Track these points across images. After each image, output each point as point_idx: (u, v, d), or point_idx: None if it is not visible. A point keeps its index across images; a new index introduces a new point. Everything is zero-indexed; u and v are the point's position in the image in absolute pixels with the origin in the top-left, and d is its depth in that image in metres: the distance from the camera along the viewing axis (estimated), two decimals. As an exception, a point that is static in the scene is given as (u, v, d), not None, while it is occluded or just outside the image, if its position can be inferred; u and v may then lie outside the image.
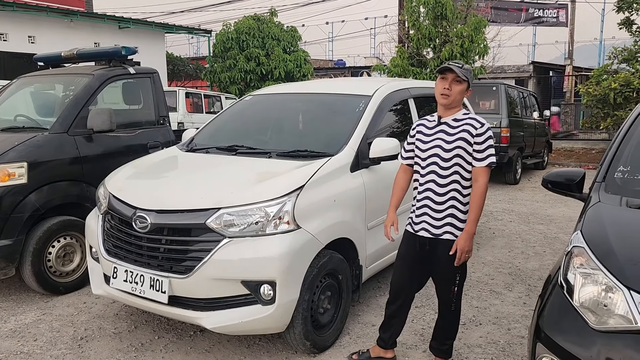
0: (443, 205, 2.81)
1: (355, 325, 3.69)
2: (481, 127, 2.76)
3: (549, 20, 21.98)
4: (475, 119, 2.81)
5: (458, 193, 2.80)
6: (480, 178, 2.75)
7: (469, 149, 2.76)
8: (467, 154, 2.77)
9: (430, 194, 2.84)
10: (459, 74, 2.76)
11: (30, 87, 5.29)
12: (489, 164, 2.74)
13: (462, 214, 2.81)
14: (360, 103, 4.04)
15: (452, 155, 2.77)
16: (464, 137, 2.76)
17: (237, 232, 2.95)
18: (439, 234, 2.82)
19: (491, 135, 2.77)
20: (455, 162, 2.78)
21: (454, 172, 2.78)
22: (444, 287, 2.95)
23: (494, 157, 2.75)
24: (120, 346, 3.44)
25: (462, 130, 2.77)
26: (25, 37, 13.05)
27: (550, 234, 6.30)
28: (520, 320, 3.81)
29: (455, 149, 2.77)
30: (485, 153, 2.75)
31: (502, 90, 9.57)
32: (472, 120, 2.81)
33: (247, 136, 4.22)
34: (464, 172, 2.79)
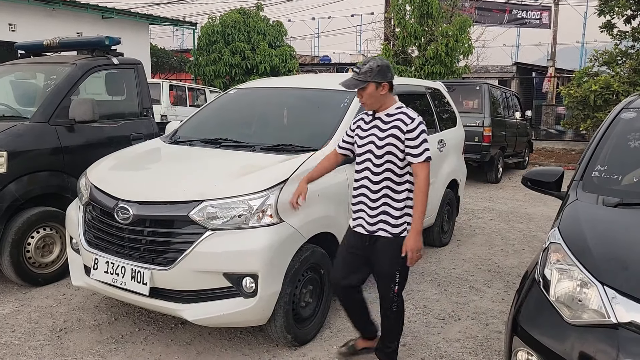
0: (377, 202, 2.76)
1: (337, 319, 3.72)
2: (412, 123, 2.69)
3: (532, 22, 22.25)
4: (406, 113, 2.73)
5: (390, 190, 2.75)
6: (420, 174, 2.68)
7: (401, 146, 2.70)
8: (398, 151, 2.71)
9: (364, 191, 2.81)
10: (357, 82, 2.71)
11: (11, 75, 5.19)
12: (427, 159, 2.69)
13: (395, 211, 2.75)
14: (345, 99, 4.05)
15: (384, 152, 2.72)
16: (394, 134, 2.70)
17: (220, 224, 2.95)
18: (373, 231, 2.78)
19: (424, 130, 2.70)
20: (387, 159, 2.72)
21: (386, 169, 2.74)
22: (384, 285, 2.89)
23: (429, 152, 2.70)
24: (100, 338, 3.41)
25: (393, 127, 2.71)
26: (6, 25, 12.77)
27: (529, 232, 6.41)
28: (499, 315, 3.88)
29: (386, 145, 2.71)
30: (421, 148, 2.68)
31: (485, 90, 9.68)
32: (403, 115, 2.73)
33: (231, 129, 4.21)
34: (397, 168, 2.74)
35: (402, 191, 2.76)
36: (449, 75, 14.03)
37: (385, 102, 2.79)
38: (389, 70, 2.75)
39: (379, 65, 2.72)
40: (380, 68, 2.71)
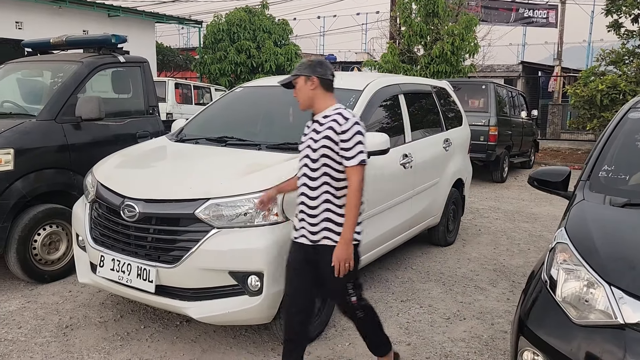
0: (317, 210, 2.57)
1: (341, 318, 3.69)
2: (345, 123, 2.51)
3: (538, 21, 22.14)
4: (341, 114, 2.56)
5: (331, 195, 2.56)
6: (352, 178, 2.48)
7: (335, 148, 2.51)
8: (334, 153, 2.52)
9: (304, 199, 2.62)
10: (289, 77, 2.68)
11: (18, 73, 5.22)
12: (361, 162, 2.48)
13: (339, 217, 2.55)
14: (351, 97, 4.05)
15: (319, 155, 2.55)
16: (328, 136, 2.52)
17: (225, 222, 2.95)
18: (317, 240, 2.58)
19: (359, 131, 2.50)
20: (323, 163, 2.55)
21: (323, 173, 2.56)
22: (340, 301, 2.72)
23: (364, 155, 2.49)
24: (105, 335, 3.43)
25: (327, 128, 2.54)
26: (13, 23, 12.82)
27: (535, 232, 6.38)
28: (504, 315, 3.87)
29: (321, 148, 2.54)
30: (354, 151, 2.48)
31: (491, 89, 9.64)
32: (338, 115, 2.55)
33: (237, 128, 4.21)
34: (335, 172, 2.55)
35: (344, 196, 2.56)
36: (455, 74, 13.99)
37: (319, 101, 2.63)
38: (321, 66, 2.62)
39: (312, 61, 2.65)
40: (311, 63, 2.64)
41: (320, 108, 2.65)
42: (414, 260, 5.09)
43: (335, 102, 2.68)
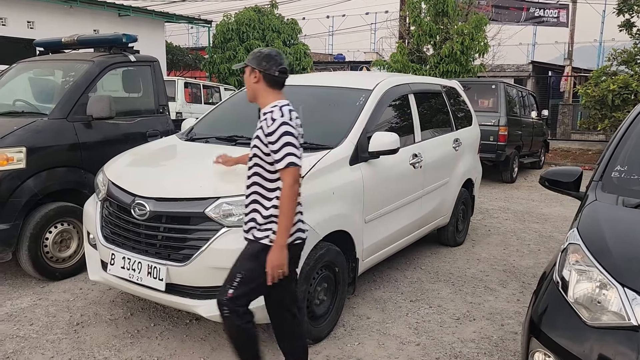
0: (248, 208, 2.55)
1: (350, 318, 3.72)
2: (273, 124, 2.39)
3: (549, 20, 21.99)
4: (272, 112, 2.44)
5: (259, 196, 2.50)
6: (284, 181, 2.39)
7: (265, 149, 2.43)
8: (263, 154, 2.44)
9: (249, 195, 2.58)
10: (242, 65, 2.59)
11: (30, 72, 5.27)
12: (289, 165, 2.36)
13: (263, 219, 2.47)
14: (361, 97, 4.05)
15: (252, 154, 2.50)
16: (258, 135, 2.46)
17: (235, 221, 2.96)
18: (246, 236, 2.57)
19: (287, 131, 2.38)
20: (254, 162, 2.50)
21: (254, 172, 2.51)
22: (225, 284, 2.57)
23: (293, 157, 2.37)
24: (116, 332, 3.45)
25: (259, 128, 2.47)
26: (25, 22, 12.95)
27: (545, 233, 6.34)
28: (514, 316, 3.84)
29: (253, 147, 2.49)
30: (281, 153, 2.36)
31: (501, 88, 9.58)
32: (270, 114, 2.44)
33: (247, 127, 4.17)
34: (266, 173, 2.48)
35: (273, 198, 2.47)
36: (464, 74, 13.92)
37: (261, 96, 2.54)
38: (267, 60, 2.50)
39: (261, 52, 2.54)
40: (260, 54, 2.53)
41: (262, 104, 2.55)
42: (423, 260, 5.08)
43: (279, 99, 2.52)
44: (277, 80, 2.53)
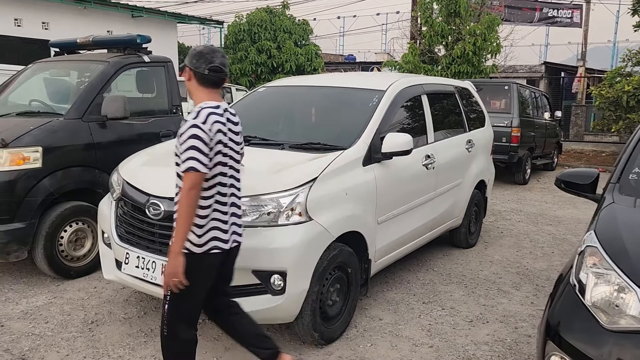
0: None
1: (363, 319, 3.71)
2: (183, 126, 2.31)
3: (563, 21, 21.79)
4: (189, 114, 2.36)
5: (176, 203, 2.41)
6: (182, 185, 2.29)
7: (177, 151, 2.37)
8: (177, 157, 2.37)
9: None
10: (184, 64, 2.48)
11: (46, 72, 5.33)
12: (188, 169, 2.25)
13: (196, 228, 2.38)
14: (374, 97, 4.04)
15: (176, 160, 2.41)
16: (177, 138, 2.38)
17: (249, 221, 2.97)
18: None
19: (194, 134, 2.26)
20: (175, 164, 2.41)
21: (177, 175, 2.41)
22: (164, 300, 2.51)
23: (194, 161, 2.25)
24: (130, 331, 3.47)
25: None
26: (39, 23, 13.11)
27: (558, 235, 6.28)
28: (528, 319, 3.81)
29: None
30: (185, 156, 2.27)
31: (514, 89, 9.52)
32: (187, 116, 2.36)
33: (260, 127, 4.23)
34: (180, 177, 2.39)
35: (206, 206, 2.38)
36: (476, 74, 13.84)
37: (194, 95, 2.46)
38: (197, 58, 2.42)
39: (194, 49, 2.48)
40: (192, 52, 2.47)
41: (195, 102, 2.44)
42: (435, 262, 5.05)
43: (212, 99, 2.43)
44: (207, 78, 2.42)
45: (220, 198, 2.42)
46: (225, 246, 2.46)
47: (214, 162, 2.36)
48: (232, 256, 2.59)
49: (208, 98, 2.44)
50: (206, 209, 2.39)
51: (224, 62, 2.46)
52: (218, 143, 2.35)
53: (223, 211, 2.44)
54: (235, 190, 2.53)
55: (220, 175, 2.40)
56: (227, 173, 2.45)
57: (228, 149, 2.42)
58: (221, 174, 2.41)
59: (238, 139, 2.51)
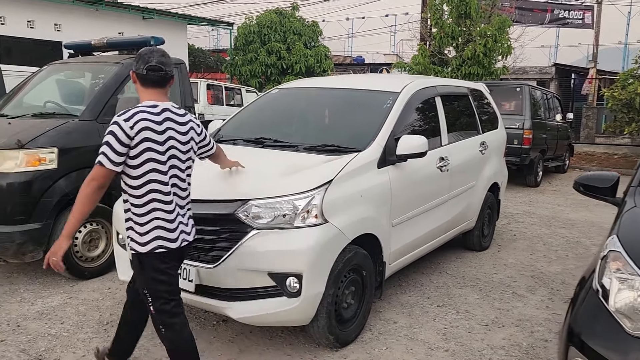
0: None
1: (377, 322, 3.69)
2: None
3: (574, 22, 21.63)
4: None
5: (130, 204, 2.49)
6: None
7: None
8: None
9: None
10: None
11: (60, 74, 5.36)
12: (96, 162, 2.36)
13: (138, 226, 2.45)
14: (388, 99, 4.02)
15: None
16: None
17: (265, 223, 2.96)
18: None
19: (110, 131, 2.32)
20: None
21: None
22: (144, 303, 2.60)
23: (102, 156, 2.33)
24: (145, 332, 3.42)
25: None
26: (52, 25, 13.21)
27: (572, 239, 6.22)
28: (544, 323, 3.77)
29: None
30: (100, 150, 2.37)
31: (526, 91, 9.46)
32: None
33: (273, 129, 4.23)
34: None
35: (126, 201, 2.47)
36: (487, 76, 13.77)
37: (139, 94, 2.53)
38: (137, 59, 2.48)
39: (138, 52, 2.55)
40: (136, 55, 2.55)
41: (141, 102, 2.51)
42: (448, 264, 5.02)
43: (153, 99, 2.48)
44: (146, 78, 2.46)
45: (160, 197, 2.43)
46: (173, 245, 2.47)
47: (142, 159, 2.37)
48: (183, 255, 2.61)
49: (150, 98, 2.48)
50: (143, 208, 2.42)
51: (163, 61, 2.48)
52: (145, 141, 2.36)
53: (167, 210, 2.44)
54: (179, 190, 2.53)
55: (154, 172, 2.41)
56: (165, 171, 2.44)
57: (164, 147, 2.42)
58: (155, 171, 2.41)
59: (182, 138, 2.51)
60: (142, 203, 2.42)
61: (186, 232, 2.56)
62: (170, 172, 2.46)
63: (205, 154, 2.86)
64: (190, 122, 2.58)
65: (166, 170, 2.44)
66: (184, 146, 2.52)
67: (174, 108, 2.54)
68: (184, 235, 2.54)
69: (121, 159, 2.35)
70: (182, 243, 2.52)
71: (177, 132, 2.48)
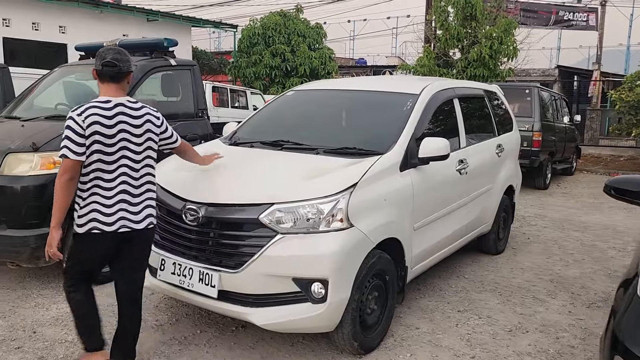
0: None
1: (399, 328, 3.63)
2: None
3: (578, 24, 21.61)
4: None
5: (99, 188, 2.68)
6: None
7: None
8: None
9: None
10: None
11: (72, 76, 5.30)
12: (60, 156, 2.58)
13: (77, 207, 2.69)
14: (408, 101, 3.97)
15: None
16: None
17: (289, 228, 2.90)
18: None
19: (67, 125, 2.59)
20: None
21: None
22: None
23: (64, 149, 2.56)
24: (163, 339, 3.41)
25: None
26: (57, 27, 13.17)
27: (587, 242, 6.16)
28: (568, 329, 3.71)
29: None
30: (61, 144, 2.61)
31: (535, 93, 9.40)
32: None
33: (291, 132, 4.16)
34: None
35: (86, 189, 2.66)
36: (492, 78, 13.72)
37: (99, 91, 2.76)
38: (96, 57, 2.75)
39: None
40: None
41: None
42: (465, 268, 4.96)
43: (108, 94, 2.69)
44: (102, 73, 2.69)
45: (101, 183, 2.65)
46: (108, 228, 2.66)
47: (91, 150, 2.59)
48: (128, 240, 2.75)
49: (106, 93, 2.71)
50: (84, 193, 2.66)
51: (117, 58, 2.70)
52: (94, 134, 2.58)
53: (106, 196, 2.66)
54: (129, 178, 2.71)
55: (99, 162, 2.62)
56: (111, 162, 2.64)
57: (113, 140, 2.62)
58: (100, 161, 2.62)
59: (136, 131, 2.70)
60: (86, 188, 2.66)
61: (131, 220, 2.72)
62: (120, 162, 2.67)
63: (167, 147, 3.02)
64: (146, 116, 2.77)
65: (113, 161, 2.64)
66: (138, 138, 2.71)
67: (129, 103, 2.73)
68: (125, 222, 2.70)
69: (82, 149, 2.57)
70: (121, 228, 2.69)
71: (130, 125, 2.68)
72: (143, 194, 2.78)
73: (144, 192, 2.77)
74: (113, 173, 2.65)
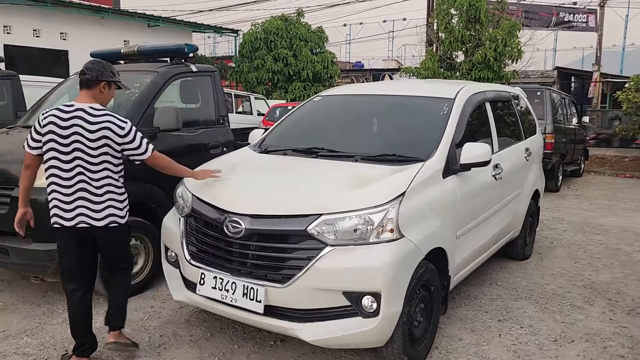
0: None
1: (442, 339, 3.52)
2: None
3: (578, 25, 21.68)
4: None
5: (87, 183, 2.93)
6: None
7: None
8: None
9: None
10: None
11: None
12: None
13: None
14: (444, 106, 3.87)
15: None
16: None
17: (338, 239, 2.79)
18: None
19: (33, 124, 2.97)
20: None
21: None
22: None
23: (24, 142, 2.95)
24: (200, 355, 3.29)
25: None
26: (58, 34, 13.02)
27: (611, 245, 6.08)
28: (614, 337, 3.61)
29: None
30: None
31: (547, 95, 9.35)
32: None
33: (323, 138, 4.06)
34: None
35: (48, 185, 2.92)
36: (497, 80, 13.68)
37: None
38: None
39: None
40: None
41: None
42: (495, 275, 4.86)
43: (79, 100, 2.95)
44: (80, 81, 2.99)
45: (58, 180, 2.88)
46: (67, 223, 2.90)
47: (46, 148, 2.86)
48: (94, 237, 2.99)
49: (78, 98, 2.97)
50: (48, 187, 2.91)
51: (88, 67, 2.99)
52: (49, 133, 2.85)
53: (63, 192, 2.88)
54: (87, 178, 2.89)
55: (54, 160, 2.86)
56: (67, 161, 2.85)
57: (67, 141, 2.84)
58: (56, 159, 2.86)
59: (90, 135, 2.86)
60: (48, 183, 2.91)
61: (90, 217, 2.91)
62: (76, 162, 2.86)
63: (133, 157, 3.12)
64: (106, 123, 2.89)
65: (68, 160, 2.86)
66: (93, 143, 2.87)
67: (91, 109, 2.90)
68: (84, 218, 2.90)
69: (36, 144, 2.90)
70: (80, 224, 2.89)
71: (85, 130, 2.85)
72: (105, 195, 2.95)
73: (105, 192, 2.94)
74: (70, 172, 2.86)
